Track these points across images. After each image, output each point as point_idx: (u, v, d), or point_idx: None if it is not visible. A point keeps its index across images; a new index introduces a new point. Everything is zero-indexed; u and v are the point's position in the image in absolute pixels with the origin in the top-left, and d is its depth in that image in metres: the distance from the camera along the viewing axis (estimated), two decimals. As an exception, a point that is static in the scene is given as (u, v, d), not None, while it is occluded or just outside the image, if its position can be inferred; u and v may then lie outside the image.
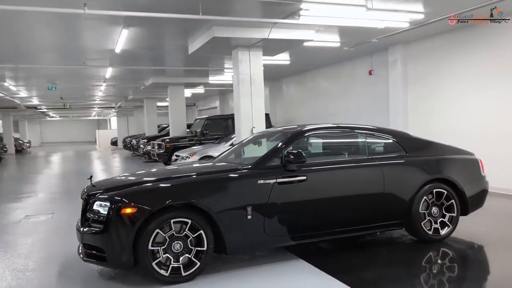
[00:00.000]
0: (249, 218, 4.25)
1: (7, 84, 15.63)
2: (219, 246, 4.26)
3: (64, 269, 4.63)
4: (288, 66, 13.87)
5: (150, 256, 3.96)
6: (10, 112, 28.76)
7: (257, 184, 4.33)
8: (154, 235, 3.97)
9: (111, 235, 3.96)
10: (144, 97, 22.56)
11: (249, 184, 4.36)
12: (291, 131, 5.00)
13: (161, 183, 4.32)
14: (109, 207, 3.98)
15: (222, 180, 4.38)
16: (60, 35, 8.91)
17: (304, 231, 4.59)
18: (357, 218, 4.80)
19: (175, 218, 4.04)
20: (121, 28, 7.92)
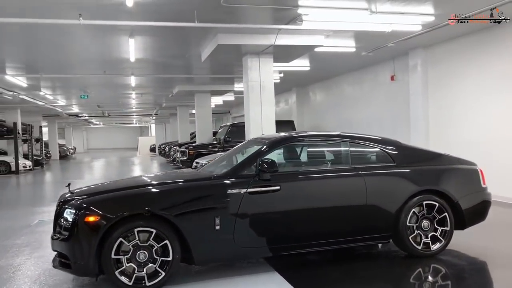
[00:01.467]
0: (217, 229, 4.14)
1: (42, 93, 16.41)
2: (187, 256, 4.18)
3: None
4: (312, 73, 13.65)
5: (113, 265, 3.94)
6: (55, 120, 30.22)
7: (226, 193, 4.22)
8: (118, 244, 3.95)
9: (76, 243, 3.98)
10: (177, 105, 22.99)
11: (218, 194, 4.26)
12: (269, 139, 4.85)
13: (127, 192, 4.31)
14: (74, 214, 4.00)
15: (189, 189, 4.31)
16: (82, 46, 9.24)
17: (279, 243, 4.43)
18: (337, 230, 4.58)
19: (138, 227, 4.01)
20: (128, 38, 8.08)
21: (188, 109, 23.79)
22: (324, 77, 15.50)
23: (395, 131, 10.83)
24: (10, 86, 14.49)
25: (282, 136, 4.86)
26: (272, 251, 4.40)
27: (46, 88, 15.80)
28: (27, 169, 19.90)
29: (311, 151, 5.20)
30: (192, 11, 6.46)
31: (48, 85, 15.27)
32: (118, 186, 4.65)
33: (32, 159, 21.03)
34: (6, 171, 19.00)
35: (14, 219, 8.15)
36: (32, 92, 16.34)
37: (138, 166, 22.59)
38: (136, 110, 28.00)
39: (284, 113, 19.26)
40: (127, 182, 4.97)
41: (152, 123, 41.95)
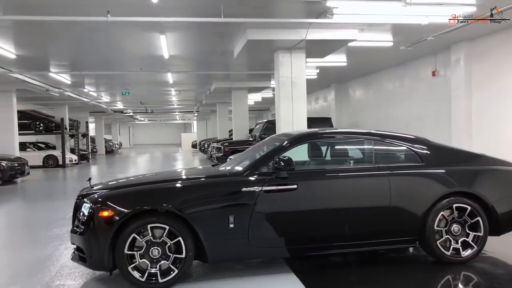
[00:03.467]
0: (231, 227, 4.05)
1: (86, 89, 17.00)
2: (201, 254, 4.12)
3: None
4: (350, 68, 13.30)
5: (126, 260, 3.94)
6: (101, 116, 31.34)
7: (241, 191, 4.12)
8: (131, 240, 3.95)
9: (91, 237, 4.01)
10: (217, 102, 23.16)
11: (233, 191, 4.16)
12: (289, 136, 4.69)
13: (143, 187, 4.29)
14: (90, 208, 4.04)
15: (203, 186, 4.24)
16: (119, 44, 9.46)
17: (295, 244, 4.27)
18: (357, 232, 4.36)
19: (152, 223, 3.98)
20: (159, 35, 8.15)
21: (227, 106, 23.88)
22: (362, 73, 15.06)
23: (436, 129, 10.33)
24: (56, 83, 15.12)
25: (302, 133, 4.68)
26: (288, 252, 4.26)
27: (89, 85, 16.36)
28: (73, 163, 20.72)
29: (333, 149, 5.00)
30: (219, 6, 6.40)
31: (91, 82, 15.80)
32: (137, 181, 4.66)
33: (78, 154, 21.89)
34: (54, 164, 19.86)
35: (51, 210, 8.45)
36: (77, 89, 16.98)
37: (179, 162, 22.97)
38: (178, 107, 28.50)
39: (323, 110, 18.93)
40: (147, 178, 4.97)
41: (194, 120, 42.63)
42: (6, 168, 13.23)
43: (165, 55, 9.94)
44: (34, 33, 8.33)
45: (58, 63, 11.68)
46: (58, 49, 10.01)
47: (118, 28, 7.75)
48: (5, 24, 7.29)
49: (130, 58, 11.14)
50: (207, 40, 9.04)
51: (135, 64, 11.79)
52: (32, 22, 6.96)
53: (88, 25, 7.31)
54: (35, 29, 7.87)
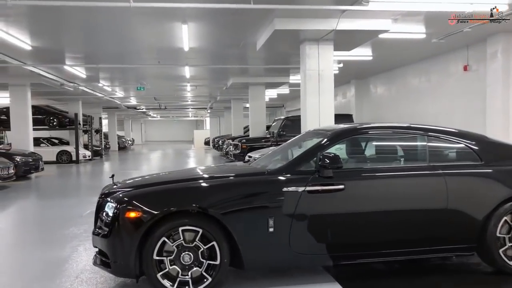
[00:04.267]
0: (270, 231, 3.63)
1: (101, 84, 16.71)
2: (236, 260, 3.71)
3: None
4: (374, 63, 12.80)
5: (155, 266, 3.55)
6: (114, 112, 31.14)
7: (281, 191, 3.69)
8: (161, 244, 3.55)
9: (115, 240, 3.62)
10: (232, 98, 22.78)
11: (272, 191, 3.74)
12: (331, 130, 4.25)
13: (173, 186, 3.89)
14: (115, 208, 3.65)
15: (240, 185, 3.82)
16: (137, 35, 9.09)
17: (341, 250, 3.84)
18: (409, 238, 3.91)
19: (184, 225, 3.58)
20: (181, 24, 7.75)
21: (242, 102, 23.49)
22: (386, 68, 14.53)
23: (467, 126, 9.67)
24: (71, 78, 14.84)
25: (346, 128, 4.24)
26: (332, 259, 3.83)
27: (104, 79, 16.06)
28: (86, 159, 20.49)
29: (379, 145, 4.54)
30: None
31: (106, 76, 15.50)
32: (164, 179, 4.27)
33: (92, 150, 21.66)
34: (67, 160, 19.62)
35: (67, 208, 8.14)
36: (91, 84, 16.70)
37: (192, 158, 22.67)
38: (192, 103, 28.18)
39: (342, 106, 18.41)
40: (174, 175, 4.58)
41: (207, 117, 42.31)
42: (21, 163, 12.96)
43: (185, 47, 9.54)
44: (50, 22, 7.99)
45: (74, 55, 11.36)
46: (74, 40, 9.67)
47: (139, 17, 7.37)
48: (21, 11, 6.95)
49: (148, 51, 10.77)
50: (230, 31, 8.63)
51: (153, 57, 11.42)
52: (48, 9, 6.61)
53: (107, 13, 6.94)
54: (52, 17, 7.54)
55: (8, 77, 14.10)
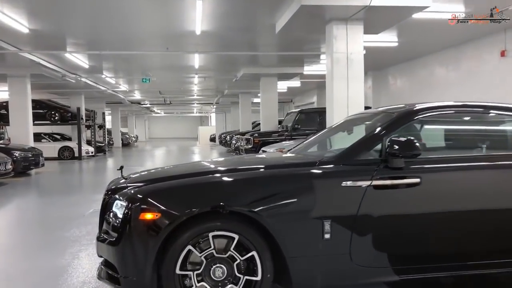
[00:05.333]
0: (327, 238, 2.80)
1: (104, 76, 15.92)
2: (282, 276, 2.88)
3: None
4: (395, 51, 11.93)
5: (178, 283, 2.73)
6: (118, 107, 30.35)
7: (341, 186, 2.85)
8: (185, 254, 2.73)
9: (127, 249, 2.79)
10: (240, 92, 21.98)
11: (329, 187, 2.91)
12: (397, 110, 3.40)
13: (199, 179, 3.05)
14: (126, 208, 2.81)
15: (286, 179, 2.97)
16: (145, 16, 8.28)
17: (415, 261, 2.99)
18: (505, 246, 3.05)
19: (215, 230, 2.76)
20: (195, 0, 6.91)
21: (250, 96, 22.69)
22: (408, 57, 13.63)
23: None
24: (73, 68, 14.04)
25: (416, 108, 3.36)
26: (400, 272, 2.97)
27: (108, 70, 15.25)
28: (89, 155, 19.70)
29: (455, 129, 3.68)
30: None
31: (110, 67, 14.69)
32: (185, 171, 3.41)
33: (95, 146, 20.88)
34: (70, 156, 18.86)
35: (69, 207, 7.35)
36: (94, 75, 15.92)
37: (199, 154, 21.86)
38: (198, 97, 27.35)
39: (357, 100, 17.51)
40: (196, 167, 3.73)
41: (213, 113, 41.54)
42: (20, 159, 12.17)
43: (196, 30, 8.71)
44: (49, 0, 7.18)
45: (75, 41, 10.52)
46: (75, 23, 8.83)
47: None
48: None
49: (155, 36, 9.94)
50: (249, 10, 7.79)
51: (160, 44, 10.59)
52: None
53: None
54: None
55: (6, 67, 13.31)
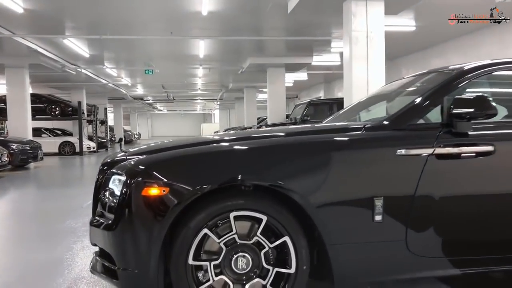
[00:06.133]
0: (377, 221, 2.21)
1: (105, 67, 15.37)
2: (320, 269, 2.30)
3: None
4: (411, 37, 11.33)
5: (191, 276, 2.15)
6: (120, 104, 29.84)
7: (395, 156, 2.26)
8: (200, 240, 2.15)
9: (125, 234, 2.21)
10: (245, 86, 21.41)
11: (381, 156, 2.32)
12: (456, 68, 2.79)
13: (216, 147, 2.46)
14: (125, 184, 2.22)
15: (329, 147, 2.36)
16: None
17: (485, 251, 2.40)
18: None
19: (237, 210, 2.17)
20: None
21: (255, 91, 22.10)
22: (424, 45, 13.01)
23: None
24: (73, 58, 13.50)
25: (487, 62, 2.75)
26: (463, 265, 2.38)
27: (109, 60, 14.69)
28: (91, 150, 19.20)
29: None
30: None
31: (111, 57, 14.14)
32: (198, 141, 2.78)
33: (97, 141, 20.35)
34: (71, 152, 18.38)
35: (67, 199, 6.85)
36: (95, 66, 15.36)
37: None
38: (201, 93, 26.78)
39: (367, 92, 16.93)
40: (210, 138, 3.08)
41: (216, 109, 41.04)
42: (17, 152, 11.65)
43: (203, 11, 8.13)
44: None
45: (73, 24, 9.91)
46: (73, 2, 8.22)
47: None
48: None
49: (158, 18, 9.35)
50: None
51: (164, 28, 10.00)
52: None
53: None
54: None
55: (3, 56, 12.76)
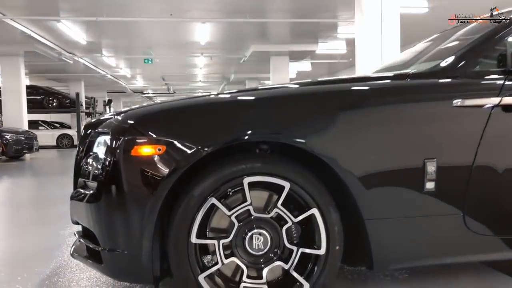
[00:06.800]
0: (429, 189, 1.75)
1: (103, 55, 14.91)
2: (357, 251, 1.84)
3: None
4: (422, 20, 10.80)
5: (194, 259, 1.69)
6: (120, 97, 29.44)
7: (452, 108, 1.80)
8: (206, 213, 1.68)
9: (111, 206, 1.74)
10: (246, 78, 21.00)
11: (434, 108, 1.85)
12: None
13: (228, 98, 1.99)
14: (111, 144, 1.76)
15: (367, 97, 1.89)
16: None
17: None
18: None
19: (253, 175, 1.70)
20: None
21: (257, 82, 21.70)
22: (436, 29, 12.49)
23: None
24: (70, 46, 13.05)
25: None
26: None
27: (107, 48, 14.22)
28: (89, 143, 18.79)
29: None
30: None
31: (109, 44, 13.66)
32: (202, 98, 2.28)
33: (95, 134, 19.95)
34: (69, 144, 18.06)
35: (59, 186, 6.44)
36: (93, 55, 14.91)
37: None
38: (202, 85, 26.37)
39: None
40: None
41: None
42: (11, 142, 11.23)
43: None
44: None
45: (68, 5, 9.39)
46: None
47: None
48: None
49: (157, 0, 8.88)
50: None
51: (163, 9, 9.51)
52: None
53: None
54: None
55: (-4, 42, 12.33)
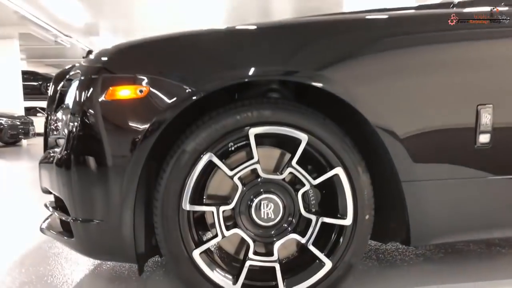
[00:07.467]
0: (483, 143, 1.39)
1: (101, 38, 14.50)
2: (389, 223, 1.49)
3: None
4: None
5: (187, 231, 1.33)
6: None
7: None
8: (201, 172, 1.31)
9: (82, 165, 1.37)
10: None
11: (484, 40, 1.49)
12: None
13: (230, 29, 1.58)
14: (80, 86, 1.38)
15: (404, 28, 1.52)
16: None
17: None
18: None
19: (261, 125, 1.32)
20: None
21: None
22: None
23: None
24: (66, 27, 12.65)
25: None
26: None
27: (105, 30, 13.81)
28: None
29: None
30: None
31: (107, 26, 13.25)
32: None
33: (95, 120, 19.69)
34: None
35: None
36: (91, 39, 14.51)
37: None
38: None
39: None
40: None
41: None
42: (6, 127, 10.92)
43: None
44: None
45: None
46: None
47: None
48: None
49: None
50: None
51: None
52: None
53: None
54: None
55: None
